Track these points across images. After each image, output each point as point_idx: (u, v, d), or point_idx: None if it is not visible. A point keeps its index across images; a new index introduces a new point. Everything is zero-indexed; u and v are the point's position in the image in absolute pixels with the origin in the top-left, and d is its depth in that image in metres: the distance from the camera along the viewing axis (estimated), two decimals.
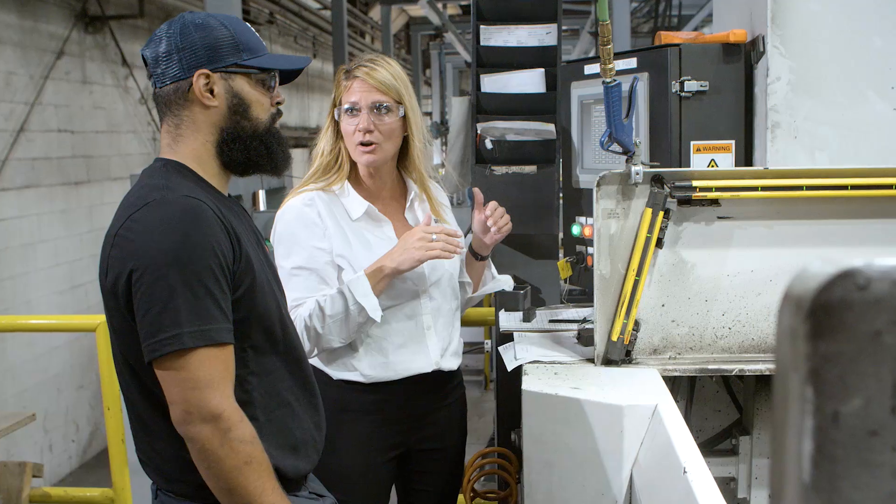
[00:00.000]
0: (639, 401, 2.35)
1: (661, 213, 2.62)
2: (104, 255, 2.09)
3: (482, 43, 3.73)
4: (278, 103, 2.28)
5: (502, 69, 3.73)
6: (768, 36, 2.77)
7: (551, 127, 3.70)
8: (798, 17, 2.76)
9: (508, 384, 3.40)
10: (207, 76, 2.12)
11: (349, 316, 2.74)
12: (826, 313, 0.67)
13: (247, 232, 2.22)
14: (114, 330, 2.13)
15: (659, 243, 2.65)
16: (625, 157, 2.64)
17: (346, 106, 2.84)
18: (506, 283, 3.20)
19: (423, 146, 2.95)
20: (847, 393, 0.68)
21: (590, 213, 3.29)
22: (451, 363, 2.98)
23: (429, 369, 2.90)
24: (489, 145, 3.76)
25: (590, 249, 3.31)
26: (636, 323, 2.68)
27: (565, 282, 3.46)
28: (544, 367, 2.70)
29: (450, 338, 2.98)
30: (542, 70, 3.71)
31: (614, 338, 2.67)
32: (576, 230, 3.36)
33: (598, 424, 2.38)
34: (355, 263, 2.81)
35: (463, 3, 14.70)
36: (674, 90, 2.91)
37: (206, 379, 2.00)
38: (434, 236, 2.75)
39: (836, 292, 0.67)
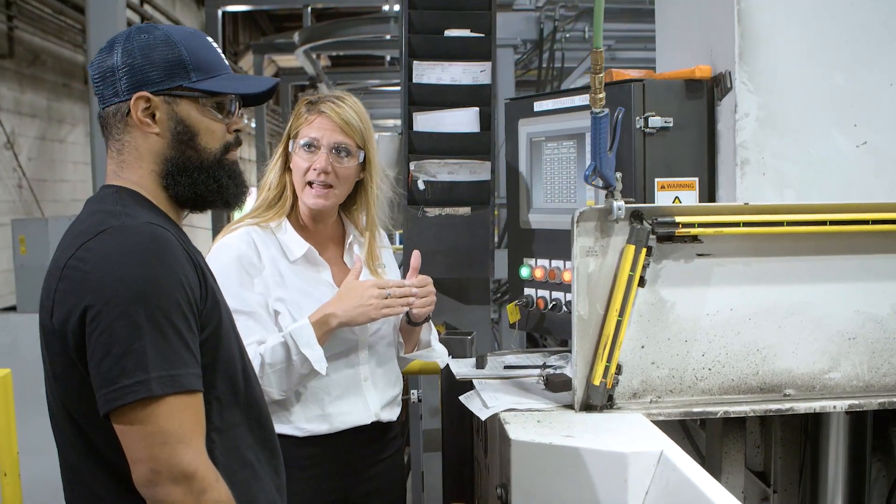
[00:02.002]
0: (643, 447, 2.21)
1: (644, 251, 2.52)
2: (47, 291, 1.80)
3: (414, 80, 3.57)
4: (237, 130, 2.05)
5: (435, 107, 3.59)
6: (736, 72, 2.74)
7: (486, 167, 3.58)
8: (765, 54, 2.74)
9: (456, 439, 3.21)
10: (148, 100, 1.88)
11: (291, 367, 2.50)
12: None
13: (208, 268, 1.97)
14: (55, 377, 1.83)
15: (641, 282, 2.54)
16: (604, 193, 2.53)
17: (303, 140, 2.64)
18: (442, 356, 2.98)
19: (377, 192, 2.80)
20: None
21: (540, 255, 3.19)
22: (391, 414, 2.79)
23: (368, 421, 2.69)
24: (421, 186, 3.60)
25: (540, 292, 3.18)
26: (618, 366, 2.55)
27: (514, 326, 3.31)
28: (523, 415, 2.53)
29: (390, 388, 2.79)
30: (477, 109, 3.59)
31: (596, 382, 2.53)
32: (525, 272, 3.23)
33: (598, 474, 2.22)
34: (293, 309, 2.59)
35: (333, 53, 14.57)
36: (638, 126, 2.83)
37: (177, 432, 1.73)
38: (388, 292, 2.58)
39: None
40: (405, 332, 2.83)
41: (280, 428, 2.57)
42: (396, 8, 10.99)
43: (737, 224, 2.55)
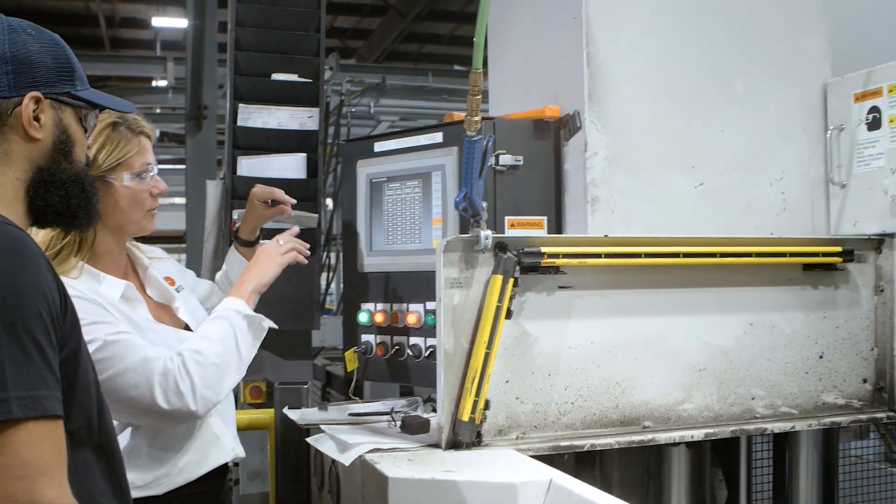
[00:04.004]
0: (531, 477, 2.12)
1: (512, 281, 2.47)
2: None
3: (240, 123, 3.41)
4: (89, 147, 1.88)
5: (260, 152, 3.44)
6: (585, 112, 2.79)
7: (314, 216, 3.44)
8: (613, 96, 2.81)
9: (293, 499, 2.99)
10: (38, 101, 1.67)
11: (245, 340, 2.40)
12: None
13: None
14: None
15: (508, 314, 2.48)
16: (472, 222, 2.47)
17: (140, 169, 2.42)
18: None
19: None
20: None
21: (380, 299, 3.07)
22: (241, 450, 2.59)
23: (228, 459, 2.51)
24: None
25: (379, 338, 3.05)
26: (486, 401, 2.46)
27: (351, 374, 3.15)
28: (390, 454, 2.37)
29: (233, 422, 2.60)
30: (304, 155, 3.47)
31: (464, 417, 2.42)
32: (364, 318, 3.09)
33: None
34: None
35: None
36: (489, 163, 2.81)
37: (39, 463, 1.46)
38: (282, 242, 2.66)
39: None
40: (251, 255, 2.79)
41: (135, 493, 2.30)
42: (164, 83, 10.69)
43: (598, 255, 2.56)
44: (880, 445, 4.72)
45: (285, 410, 2.93)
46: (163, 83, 10.40)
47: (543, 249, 2.50)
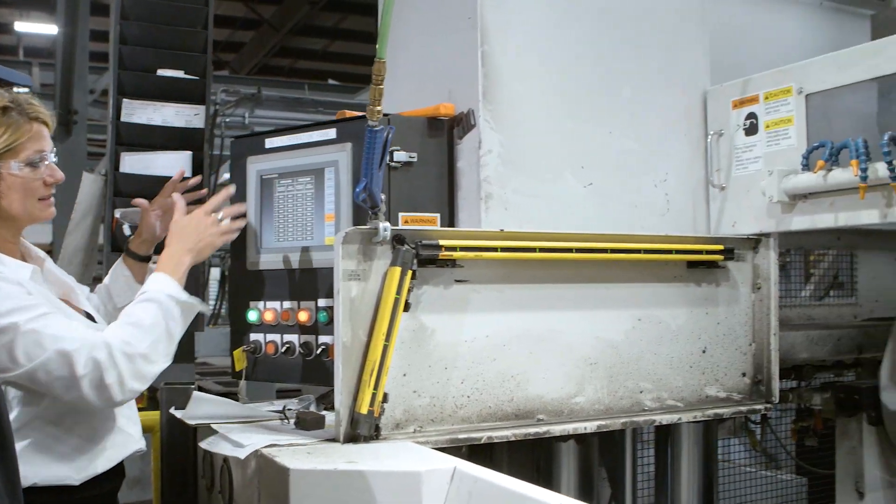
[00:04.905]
0: (435, 465, 2.12)
1: (410, 273, 2.47)
2: None
3: (123, 118, 3.32)
4: None
5: (144, 149, 3.34)
6: (479, 110, 2.82)
7: None
8: (507, 95, 2.85)
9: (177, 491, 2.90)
10: None
11: (176, 322, 2.37)
12: None
13: None
14: None
15: (406, 306, 2.48)
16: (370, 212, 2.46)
17: (31, 156, 2.34)
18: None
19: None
20: None
21: (271, 297, 3.01)
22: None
23: (140, 445, 2.53)
24: (128, 231, 3.30)
25: (269, 336, 3.00)
26: (384, 394, 2.45)
27: (239, 375, 3.07)
28: (288, 449, 2.33)
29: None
30: (190, 153, 3.39)
31: (363, 410, 2.40)
32: (253, 316, 3.03)
33: (390, 497, 2.09)
34: None
35: None
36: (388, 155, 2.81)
37: None
38: (220, 215, 2.60)
39: None
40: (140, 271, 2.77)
41: (50, 480, 2.23)
42: (25, 90, 10.26)
43: (495, 249, 2.59)
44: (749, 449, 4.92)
45: (172, 411, 2.84)
46: (25, 90, 10.01)
47: (441, 242, 2.52)
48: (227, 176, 9.91)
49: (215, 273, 9.32)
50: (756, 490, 4.74)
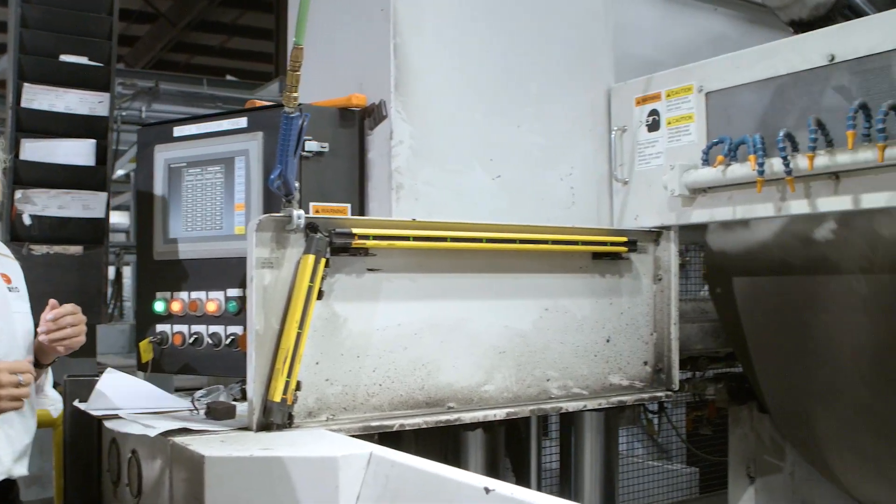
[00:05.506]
0: (351, 450, 2.13)
1: (324, 261, 2.48)
2: None
3: (24, 104, 3.23)
4: None
5: (46, 135, 3.27)
6: (392, 101, 2.84)
7: (102, 203, 3.31)
8: (419, 87, 2.89)
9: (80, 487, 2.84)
10: None
11: None
12: None
13: None
14: None
15: (319, 294, 2.48)
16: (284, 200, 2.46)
17: None
18: (56, 403, 2.71)
19: None
20: None
21: (178, 287, 2.99)
22: (22, 468, 2.42)
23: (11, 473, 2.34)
24: (28, 220, 3.22)
25: (176, 327, 2.97)
26: (298, 382, 2.45)
27: (145, 367, 3.03)
28: (200, 437, 2.31)
29: (25, 436, 2.43)
30: (94, 141, 3.33)
31: (276, 398, 2.39)
32: (160, 307, 2.99)
33: (307, 483, 2.09)
34: None
35: None
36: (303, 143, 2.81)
37: None
38: (21, 378, 2.17)
39: None
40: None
41: None
42: None
43: (408, 238, 2.62)
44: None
45: (76, 403, 2.78)
46: None
47: (354, 230, 2.53)
48: (121, 172, 9.68)
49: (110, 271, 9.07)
50: (650, 481, 4.91)
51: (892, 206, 2.49)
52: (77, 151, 3.29)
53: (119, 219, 11.19)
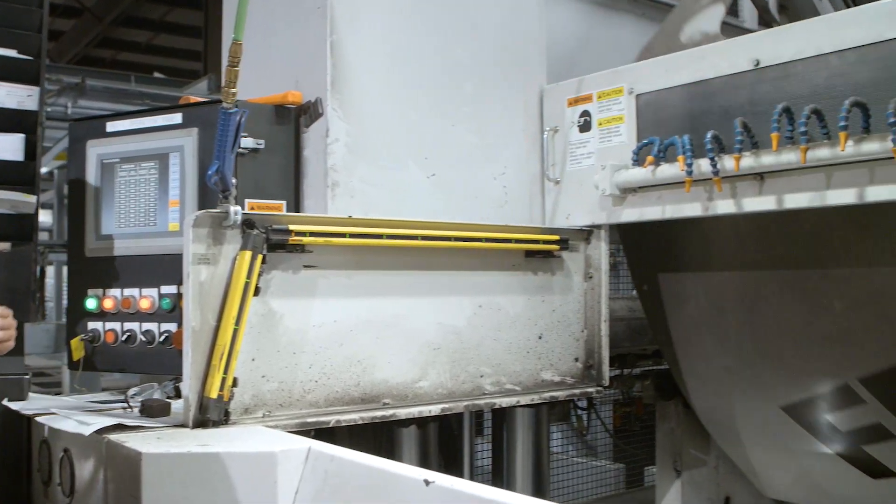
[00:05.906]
0: (290, 445, 2.15)
1: (260, 257, 2.48)
2: None
3: None
4: None
5: None
6: (327, 99, 2.86)
7: (31, 199, 3.25)
8: (355, 85, 2.90)
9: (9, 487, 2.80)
10: None
11: None
12: None
13: None
14: None
15: (256, 291, 2.49)
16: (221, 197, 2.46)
17: None
18: None
19: None
20: None
21: (111, 284, 2.96)
22: None
23: None
24: None
25: (108, 325, 2.94)
26: (234, 379, 2.45)
27: (77, 366, 2.99)
28: (136, 434, 2.30)
29: None
30: (23, 136, 3.26)
31: (213, 395, 2.39)
32: (92, 304, 2.95)
33: (246, 478, 2.10)
34: None
35: None
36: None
37: None
38: None
39: None
40: None
41: None
42: None
43: (344, 235, 2.64)
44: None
45: (6, 402, 2.74)
46: None
47: (291, 227, 2.54)
48: (45, 170, 9.48)
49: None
50: (577, 477, 5.00)
51: (813, 206, 2.59)
52: (5, 146, 3.21)
53: (42, 217, 10.95)
